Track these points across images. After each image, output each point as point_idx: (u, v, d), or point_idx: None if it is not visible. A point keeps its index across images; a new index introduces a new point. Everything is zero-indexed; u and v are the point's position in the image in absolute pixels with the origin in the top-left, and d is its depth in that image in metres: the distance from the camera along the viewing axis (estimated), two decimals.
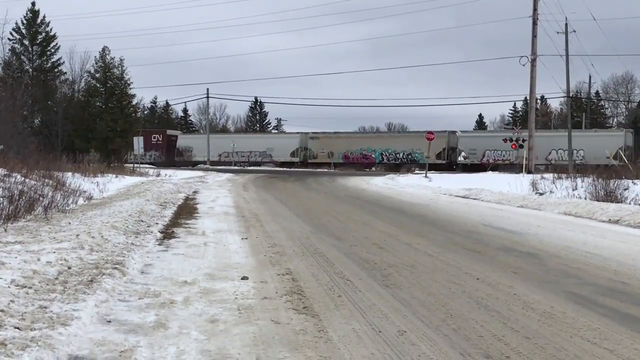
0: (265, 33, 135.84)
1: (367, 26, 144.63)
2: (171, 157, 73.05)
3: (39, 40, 52.03)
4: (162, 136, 75.36)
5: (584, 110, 76.48)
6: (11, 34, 50.97)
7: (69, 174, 25.12)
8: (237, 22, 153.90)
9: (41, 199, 15.25)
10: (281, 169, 63.10)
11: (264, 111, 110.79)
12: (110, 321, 6.20)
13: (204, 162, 70.71)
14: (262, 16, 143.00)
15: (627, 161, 33.26)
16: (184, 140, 75.96)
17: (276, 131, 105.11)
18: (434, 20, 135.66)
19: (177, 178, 36.48)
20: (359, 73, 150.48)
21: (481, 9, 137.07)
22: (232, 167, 65.16)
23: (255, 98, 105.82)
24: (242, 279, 8.38)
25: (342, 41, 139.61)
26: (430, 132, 46.24)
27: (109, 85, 50.19)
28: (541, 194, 23.77)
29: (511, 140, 49.77)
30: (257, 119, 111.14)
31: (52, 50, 52.67)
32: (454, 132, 63.86)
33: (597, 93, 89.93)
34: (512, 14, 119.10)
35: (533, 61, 42.22)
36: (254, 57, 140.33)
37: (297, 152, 68.01)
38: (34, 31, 51.88)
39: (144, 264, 9.33)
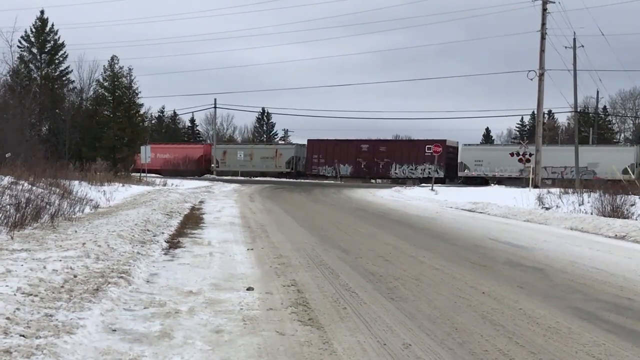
0: (275, 44, 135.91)
1: (376, 38, 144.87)
2: (451, 172, 60.18)
3: (48, 48, 52.22)
4: (440, 147, 58.61)
5: (591, 125, 76.38)
6: (20, 42, 51.21)
7: (76, 182, 25.17)
8: (248, 33, 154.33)
9: (48, 207, 15.28)
10: (284, 179, 61.84)
11: (271, 122, 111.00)
12: (115, 330, 6.21)
13: (500, 179, 55.53)
14: (272, 27, 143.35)
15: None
16: (468, 152, 60.76)
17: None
18: (443, 33, 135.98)
19: (184, 188, 36.53)
20: (367, 85, 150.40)
21: (491, 22, 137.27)
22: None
23: (263, 109, 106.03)
24: (247, 289, 8.38)
25: (350, 53, 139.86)
26: (437, 145, 46.10)
27: (117, 94, 50.32)
28: (547, 209, 23.75)
29: (518, 154, 49.51)
30: (264, 129, 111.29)
31: (61, 59, 52.82)
32: None
33: (604, 108, 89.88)
34: (521, 28, 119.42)
35: (541, 76, 42.23)
36: (262, 67, 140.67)
37: (633, 167, 55.52)
38: (43, 39, 52.05)
39: (150, 273, 9.34)
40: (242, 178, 62.82)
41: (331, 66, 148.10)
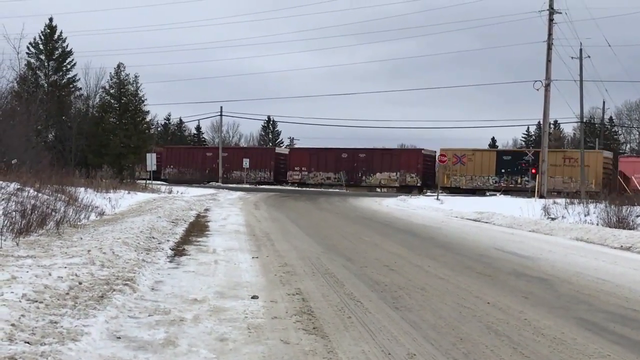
0: (283, 52, 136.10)
1: (384, 47, 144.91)
2: None
3: (56, 56, 52.38)
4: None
5: (597, 136, 76.26)
6: (28, 48, 51.36)
7: (82, 189, 25.20)
8: (256, 41, 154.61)
9: (53, 213, 15.31)
10: (292, 188, 61.66)
11: (277, 130, 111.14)
12: (120, 337, 6.21)
13: None
14: (281, 35, 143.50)
15: None
16: None
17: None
18: (450, 42, 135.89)
19: (189, 195, 36.55)
20: (374, 94, 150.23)
21: (498, 32, 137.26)
22: None
23: (268, 117, 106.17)
24: (252, 298, 8.38)
25: (359, 62, 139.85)
26: (443, 154, 46.01)
27: (123, 101, 50.46)
28: (553, 219, 23.70)
29: (527, 162, 49.39)
30: (269, 137, 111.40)
31: (68, 67, 53.00)
32: None
33: (610, 119, 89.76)
34: (529, 38, 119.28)
35: (547, 86, 42.20)
36: (270, 75, 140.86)
37: None
38: (51, 47, 52.19)
39: (155, 280, 9.34)
40: (248, 186, 62.48)
41: (339, 75, 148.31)
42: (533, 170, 45.86)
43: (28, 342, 5.44)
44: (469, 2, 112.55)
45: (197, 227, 18.23)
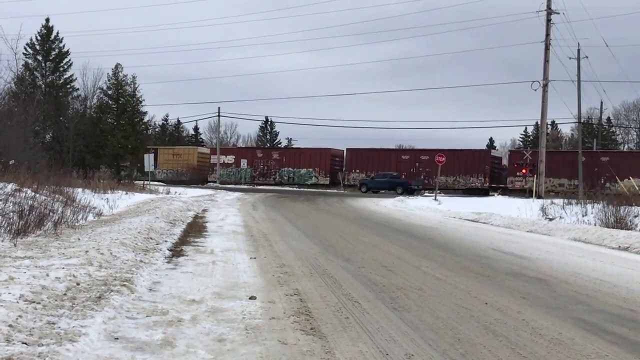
0: (281, 53, 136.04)
1: (383, 47, 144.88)
2: None
3: (52, 56, 52.42)
4: None
5: (595, 136, 76.31)
6: (25, 49, 51.38)
7: (79, 189, 25.17)
8: (255, 42, 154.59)
9: (51, 214, 15.27)
10: (290, 188, 61.43)
11: (275, 130, 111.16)
12: (117, 338, 6.20)
13: None
14: (280, 36, 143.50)
15: None
16: None
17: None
18: (450, 42, 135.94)
19: (187, 196, 36.53)
20: (373, 94, 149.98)
21: (498, 32, 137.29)
22: None
23: (266, 117, 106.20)
24: (250, 298, 8.37)
25: (358, 62, 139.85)
26: (440, 154, 45.89)
27: (121, 102, 50.51)
28: (551, 220, 23.71)
29: (522, 164, 49.46)
30: (267, 138, 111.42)
31: (65, 67, 53.05)
32: None
33: (608, 119, 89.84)
34: (528, 38, 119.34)
35: (545, 86, 42.24)
36: (269, 76, 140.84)
37: None
38: (48, 47, 52.27)
39: (153, 281, 9.34)
40: (246, 187, 62.19)
41: (338, 75, 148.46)
42: (523, 171, 46.15)
43: (25, 343, 5.43)
44: (466, 2, 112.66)
45: (195, 228, 18.22)
